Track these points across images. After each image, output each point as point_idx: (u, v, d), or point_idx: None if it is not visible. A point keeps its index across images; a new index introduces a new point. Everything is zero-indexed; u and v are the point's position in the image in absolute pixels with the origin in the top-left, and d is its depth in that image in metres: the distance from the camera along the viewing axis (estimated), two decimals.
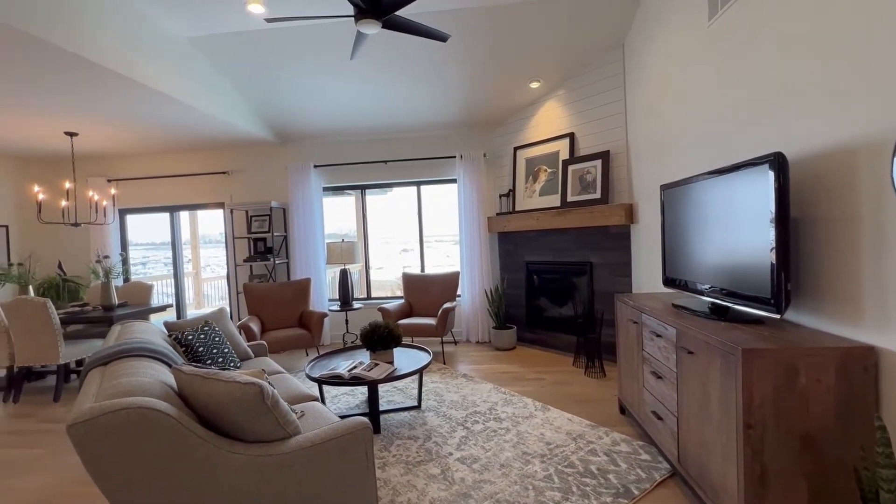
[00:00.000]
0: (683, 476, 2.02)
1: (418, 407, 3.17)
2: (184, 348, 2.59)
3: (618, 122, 3.91)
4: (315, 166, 5.29)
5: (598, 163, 4.00)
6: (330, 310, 5.15)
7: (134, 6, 3.02)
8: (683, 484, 2.11)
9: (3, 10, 2.28)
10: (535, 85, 4.32)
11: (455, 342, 5.13)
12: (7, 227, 5.31)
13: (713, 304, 2.11)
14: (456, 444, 2.60)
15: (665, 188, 2.61)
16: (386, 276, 7.56)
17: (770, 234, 1.67)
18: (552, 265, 4.55)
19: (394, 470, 2.33)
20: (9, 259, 5.28)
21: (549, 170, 4.53)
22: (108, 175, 5.60)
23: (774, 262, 1.66)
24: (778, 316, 1.67)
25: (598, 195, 3.98)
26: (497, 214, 5.03)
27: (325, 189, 5.49)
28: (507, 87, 4.36)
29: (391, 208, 6.37)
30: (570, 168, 4.25)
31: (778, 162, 1.63)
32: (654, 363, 2.31)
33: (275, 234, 5.22)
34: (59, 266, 5.17)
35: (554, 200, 4.42)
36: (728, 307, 2.01)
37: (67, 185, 4.53)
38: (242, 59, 3.78)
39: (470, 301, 5.11)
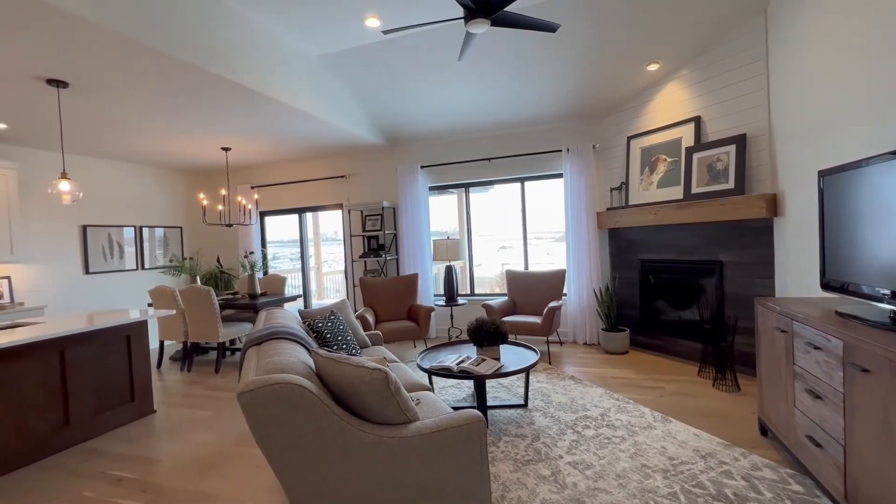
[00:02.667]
0: None
1: (525, 406, 3.14)
2: (315, 334, 2.91)
3: (757, 101, 3.40)
4: (422, 167, 5.53)
5: (732, 148, 3.53)
6: (435, 304, 5.35)
7: (272, 32, 3.47)
8: None
9: (186, 49, 2.79)
10: (653, 67, 3.96)
11: (560, 342, 4.97)
12: (181, 228, 6.51)
13: None
14: (566, 447, 2.52)
15: (825, 174, 2.20)
16: (485, 272, 7.58)
17: None
18: (672, 264, 4.14)
19: (503, 465, 2.34)
20: (182, 254, 6.47)
21: (669, 159, 4.13)
22: (252, 182, 6.53)
23: None
24: None
25: (730, 185, 3.51)
26: (607, 209, 4.74)
27: (431, 188, 5.70)
28: (620, 73, 4.07)
29: (492, 205, 6.39)
30: (696, 156, 3.81)
31: None
32: (811, 380, 1.97)
33: (386, 231, 5.60)
34: (218, 260, 6.19)
35: (675, 193, 4.01)
36: None
37: (223, 192, 5.39)
38: (360, 71, 4.10)
39: (577, 300, 4.90)
